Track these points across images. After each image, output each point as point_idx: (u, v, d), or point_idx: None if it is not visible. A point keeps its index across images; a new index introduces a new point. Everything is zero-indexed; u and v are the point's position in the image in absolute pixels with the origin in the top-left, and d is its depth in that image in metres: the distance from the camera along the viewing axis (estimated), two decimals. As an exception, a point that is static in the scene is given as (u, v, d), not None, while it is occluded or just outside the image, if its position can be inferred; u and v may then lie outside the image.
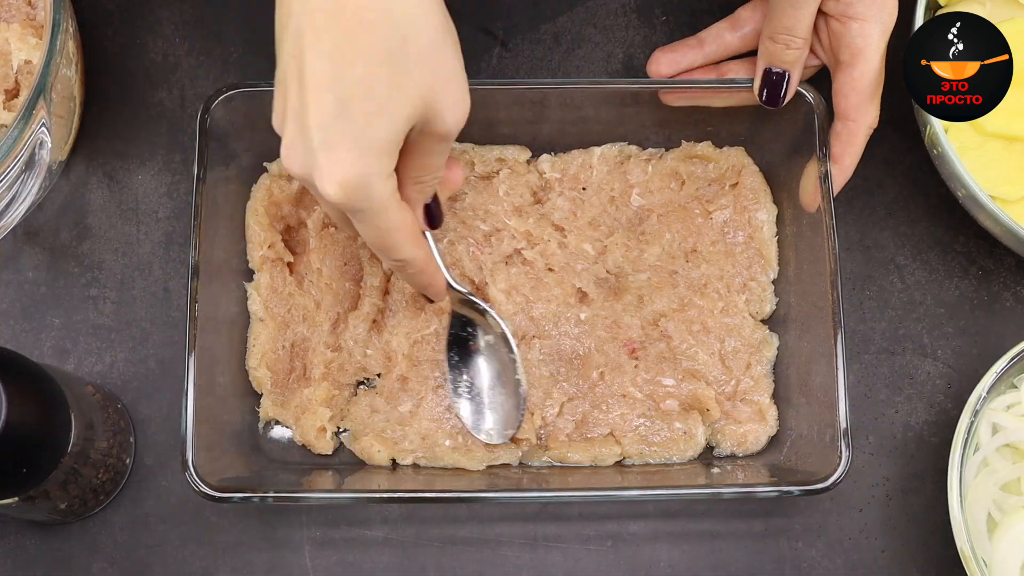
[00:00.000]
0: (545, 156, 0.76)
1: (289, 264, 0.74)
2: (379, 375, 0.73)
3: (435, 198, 0.64)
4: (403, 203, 0.60)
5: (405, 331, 0.73)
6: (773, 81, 0.70)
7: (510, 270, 0.74)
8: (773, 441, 0.73)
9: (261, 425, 0.73)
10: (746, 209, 0.75)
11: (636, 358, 0.73)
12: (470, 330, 0.72)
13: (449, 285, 0.69)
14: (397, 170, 0.58)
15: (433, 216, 0.64)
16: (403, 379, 0.72)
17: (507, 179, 0.75)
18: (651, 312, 0.73)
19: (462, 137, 0.75)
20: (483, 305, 0.71)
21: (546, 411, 0.72)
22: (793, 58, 0.69)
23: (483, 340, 0.72)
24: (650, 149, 0.77)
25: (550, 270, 0.74)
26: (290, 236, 0.75)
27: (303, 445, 0.72)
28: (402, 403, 0.72)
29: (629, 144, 0.76)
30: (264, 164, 0.75)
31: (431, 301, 0.71)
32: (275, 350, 0.73)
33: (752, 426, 0.72)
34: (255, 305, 0.73)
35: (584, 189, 0.75)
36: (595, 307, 0.73)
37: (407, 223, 0.61)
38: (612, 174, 0.76)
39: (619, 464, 0.72)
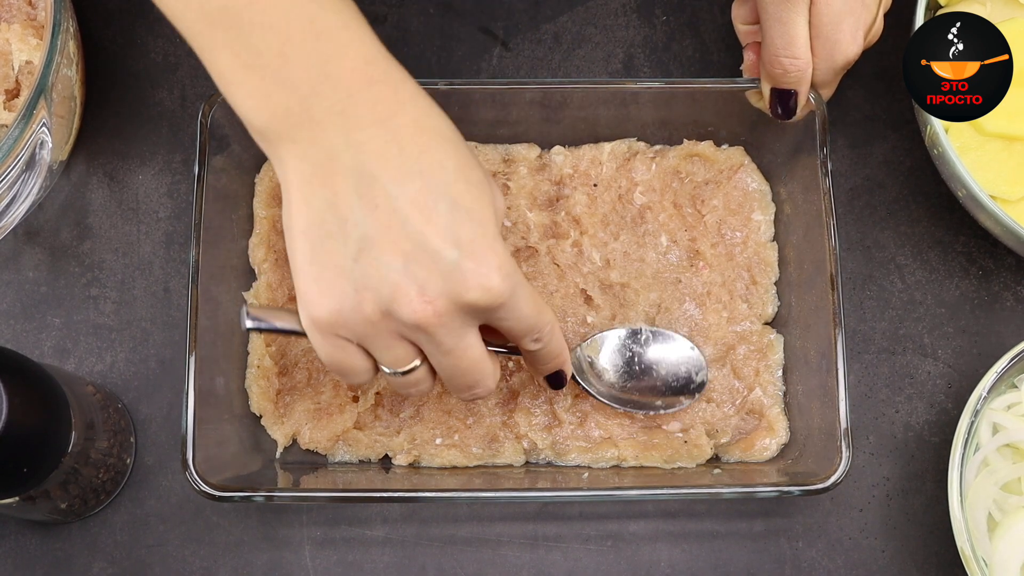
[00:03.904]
0: (558, 148, 0.76)
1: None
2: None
3: None
4: None
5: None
6: (782, 97, 0.69)
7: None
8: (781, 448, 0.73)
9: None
10: (742, 210, 0.75)
11: None
12: (614, 360, 0.72)
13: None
14: None
15: None
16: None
17: (528, 175, 0.75)
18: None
19: (465, 136, 0.76)
20: (590, 335, 0.71)
21: (557, 399, 0.72)
22: (795, 78, 0.68)
23: (625, 355, 0.72)
24: (657, 146, 0.77)
25: (556, 265, 0.74)
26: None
27: (308, 449, 0.72)
28: (404, 402, 0.72)
29: (637, 140, 0.76)
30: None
31: (561, 385, 0.66)
32: (276, 362, 0.72)
33: (764, 441, 0.72)
34: None
35: (595, 186, 0.75)
36: (602, 316, 0.73)
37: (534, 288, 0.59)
38: (619, 171, 0.76)
39: (619, 465, 0.72)
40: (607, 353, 0.72)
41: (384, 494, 0.66)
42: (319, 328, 0.55)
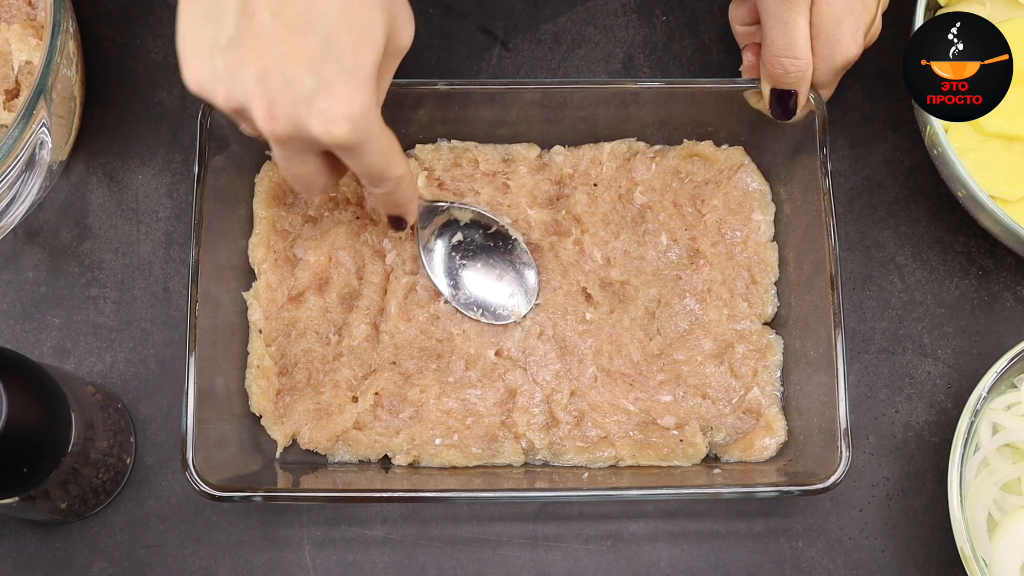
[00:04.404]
0: (558, 148, 0.76)
1: (289, 262, 0.74)
2: (375, 371, 0.73)
3: None
4: None
5: (401, 330, 0.73)
6: (782, 97, 0.69)
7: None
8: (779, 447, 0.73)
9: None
10: (742, 210, 0.75)
11: (631, 385, 0.73)
12: (458, 234, 0.74)
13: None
14: None
15: None
16: (404, 377, 0.73)
17: (528, 175, 0.75)
18: (658, 336, 0.74)
19: (465, 136, 0.76)
20: (447, 203, 0.73)
21: (554, 397, 0.72)
22: (795, 79, 0.68)
23: (472, 235, 0.74)
24: (657, 146, 0.77)
25: (559, 261, 0.74)
26: (289, 237, 0.75)
27: (308, 449, 0.72)
28: (403, 402, 0.72)
29: (637, 140, 0.77)
30: (266, 152, 0.75)
31: (400, 228, 0.70)
32: (276, 362, 0.72)
33: (763, 441, 0.72)
34: (255, 315, 0.73)
35: (595, 185, 0.75)
36: (601, 311, 0.73)
37: (395, 138, 0.61)
38: (619, 171, 0.76)
39: (616, 465, 0.72)
40: (445, 238, 0.74)
41: (384, 494, 0.66)
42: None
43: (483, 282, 0.74)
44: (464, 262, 0.74)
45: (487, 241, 0.74)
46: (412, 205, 0.68)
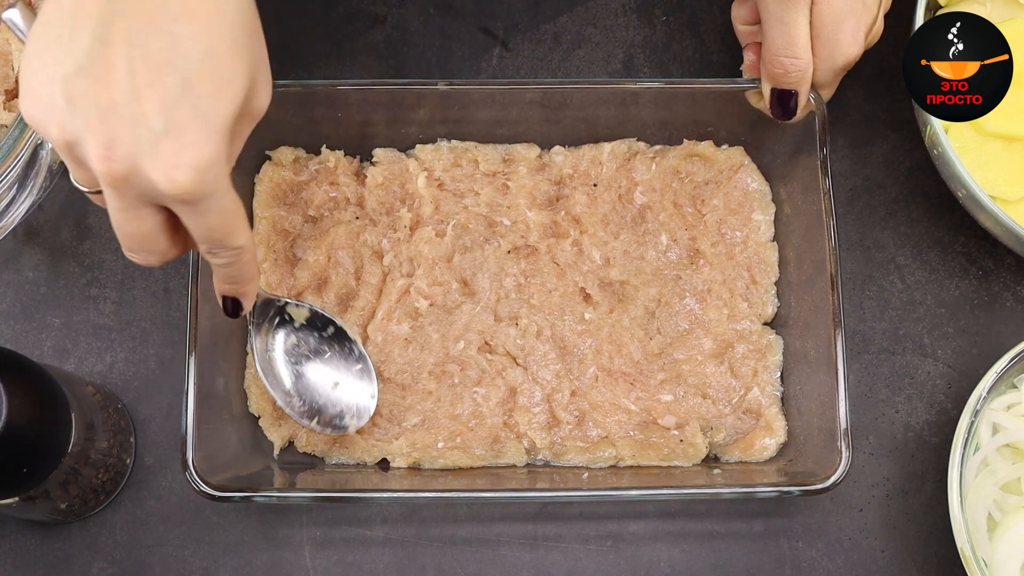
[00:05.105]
0: (558, 148, 0.76)
1: (289, 262, 0.74)
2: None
3: None
4: None
5: (392, 333, 0.73)
6: (782, 97, 0.69)
7: (508, 259, 0.74)
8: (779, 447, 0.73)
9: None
10: (742, 210, 0.75)
11: (632, 384, 0.73)
12: (292, 337, 0.70)
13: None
14: None
15: None
16: (401, 388, 0.72)
17: (527, 175, 0.75)
18: (658, 336, 0.73)
19: (465, 136, 0.76)
20: (282, 299, 0.70)
21: (555, 397, 0.72)
22: (796, 78, 0.68)
23: (307, 337, 0.71)
24: (657, 146, 0.77)
25: (555, 263, 0.74)
26: (289, 236, 0.75)
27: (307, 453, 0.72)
28: (408, 412, 0.72)
29: (637, 140, 0.77)
30: (266, 152, 0.75)
31: (234, 314, 0.64)
32: None
33: (763, 441, 0.72)
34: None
35: (595, 186, 0.75)
36: (601, 311, 0.73)
37: (241, 205, 0.56)
38: (619, 171, 0.76)
39: (616, 465, 0.72)
40: (286, 335, 0.70)
41: (384, 495, 0.66)
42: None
43: (319, 389, 0.70)
44: (299, 368, 0.70)
45: (322, 344, 0.71)
46: (251, 287, 0.62)
